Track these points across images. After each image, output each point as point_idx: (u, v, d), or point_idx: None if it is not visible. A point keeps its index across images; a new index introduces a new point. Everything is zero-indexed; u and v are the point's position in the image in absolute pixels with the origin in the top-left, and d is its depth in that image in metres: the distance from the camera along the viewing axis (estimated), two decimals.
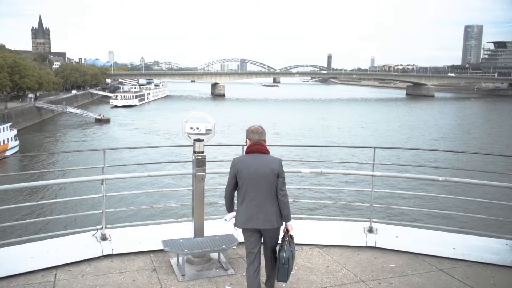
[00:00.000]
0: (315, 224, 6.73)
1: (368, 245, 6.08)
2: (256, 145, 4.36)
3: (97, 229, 5.74)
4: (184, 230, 5.71)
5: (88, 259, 5.42)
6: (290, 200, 4.61)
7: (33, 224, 18.86)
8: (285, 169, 4.38)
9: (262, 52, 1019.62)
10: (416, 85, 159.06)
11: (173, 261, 5.40)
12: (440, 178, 6.32)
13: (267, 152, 4.40)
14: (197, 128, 5.34)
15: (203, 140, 5.36)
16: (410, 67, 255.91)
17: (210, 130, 5.36)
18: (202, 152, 5.33)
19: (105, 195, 5.71)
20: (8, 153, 42.03)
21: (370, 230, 6.20)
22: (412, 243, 5.96)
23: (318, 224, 6.77)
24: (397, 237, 6.09)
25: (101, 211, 5.76)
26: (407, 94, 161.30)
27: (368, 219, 6.29)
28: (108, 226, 5.81)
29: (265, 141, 4.44)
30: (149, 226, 6.22)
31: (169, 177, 26.67)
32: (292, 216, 4.61)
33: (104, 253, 5.53)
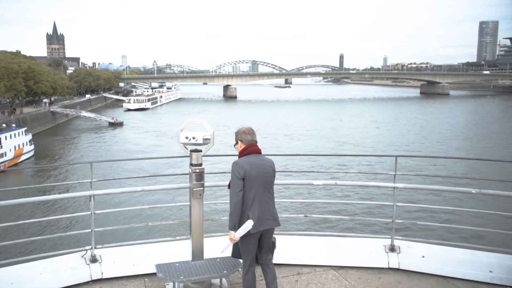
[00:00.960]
0: (329, 241, 6.02)
1: (390, 266, 5.43)
2: (254, 146, 4.28)
3: (86, 250, 5.21)
4: (182, 249, 5.21)
5: (76, 285, 4.94)
6: (300, 215, 5.11)
7: (14, 246, 17.42)
8: (295, 181, 4.35)
9: (274, 53, 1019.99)
10: (430, 83, 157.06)
11: (169, 286, 4.92)
12: (473, 191, 5.58)
13: (261, 152, 4.37)
14: (193, 138, 4.79)
15: (200, 151, 4.83)
16: (424, 65, 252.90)
17: (209, 139, 4.80)
18: (200, 165, 4.82)
19: (94, 212, 5.20)
20: (23, 157, 42.60)
21: (392, 249, 5.55)
22: (441, 264, 5.29)
23: (332, 241, 6.04)
24: (423, 257, 5.43)
25: (89, 230, 5.25)
26: (421, 92, 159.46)
27: (389, 236, 5.64)
28: (98, 246, 5.30)
29: (256, 141, 4.35)
30: (144, 245, 5.66)
31: (165, 191, 24.53)
32: (304, 232, 4.78)
33: (93, 278, 5.04)
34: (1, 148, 38.69)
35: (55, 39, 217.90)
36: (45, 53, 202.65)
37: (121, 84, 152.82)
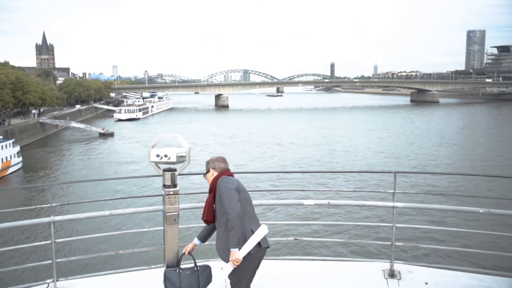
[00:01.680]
0: (322, 266, 5.55)
1: None
2: (228, 172, 4.07)
3: (47, 283, 4.67)
4: (157, 279, 4.62)
5: None
6: (290, 237, 4.77)
7: None
8: (283, 201, 4.16)
9: (265, 62, 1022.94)
10: (420, 91, 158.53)
11: None
12: (481, 210, 5.17)
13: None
14: (165, 156, 4.23)
15: (175, 170, 4.31)
16: (413, 73, 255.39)
17: (184, 156, 4.29)
18: (175, 186, 4.28)
19: (55, 241, 4.68)
20: (11, 169, 41.72)
21: (392, 274, 5.09)
22: None
23: (326, 266, 5.57)
24: (426, 283, 4.94)
25: (50, 261, 4.71)
26: (411, 100, 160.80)
27: (389, 260, 5.22)
28: (61, 279, 4.77)
29: (229, 169, 4.19)
30: (114, 275, 5.09)
31: (137, 215, 21.67)
32: (294, 257, 4.68)
33: None
34: None
35: (44, 49, 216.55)
36: (35, 64, 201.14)
37: (112, 94, 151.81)
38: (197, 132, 70.83)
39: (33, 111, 72.57)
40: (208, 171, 4.05)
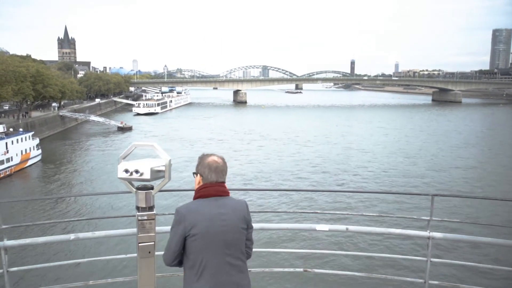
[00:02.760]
0: None
1: None
2: (216, 186, 2.98)
3: None
4: None
5: None
6: (299, 269, 3.51)
7: None
8: (290, 225, 3.36)
9: (285, 58, 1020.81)
10: (442, 90, 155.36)
11: None
12: None
13: (228, 194, 3.06)
14: (136, 172, 3.24)
15: (151, 189, 3.35)
16: (436, 72, 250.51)
17: (162, 172, 3.35)
18: (150, 209, 3.35)
19: (7, 270, 3.82)
20: (30, 162, 42.13)
21: None
22: None
23: None
24: None
25: None
26: (433, 100, 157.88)
27: None
28: None
29: (223, 182, 3.05)
30: None
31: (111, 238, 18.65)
32: None
33: None
34: (8, 152, 38.19)
35: (66, 43, 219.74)
36: (56, 57, 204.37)
37: (132, 89, 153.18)
38: (214, 127, 70.74)
39: (53, 104, 73.47)
40: (196, 174, 3.06)
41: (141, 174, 3.23)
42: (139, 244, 3.35)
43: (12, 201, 25.86)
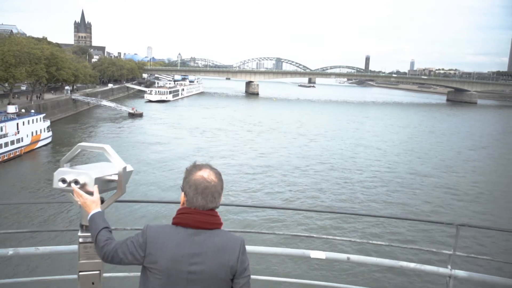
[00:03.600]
0: None
1: None
2: (199, 214, 2.18)
3: None
4: None
5: None
6: None
7: None
8: (281, 250, 2.62)
9: (299, 52, 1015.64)
10: (458, 90, 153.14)
11: None
12: None
13: (218, 226, 2.24)
14: (76, 182, 2.57)
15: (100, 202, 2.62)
16: (452, 71, 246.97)
17: (113, 182, 2.67)
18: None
19: None
20: (40, 143, 42.55)
21: None
22: None
23: None
24: None
25: None
26: (447, 99, 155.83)
27: None
28: None
29: (212, 208, 2.22)
30: None
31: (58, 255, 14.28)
32: None
33: None
34: (18, 133, 38.62)
35: (82, 27, 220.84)
36: (72, 41, 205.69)
37: (145, 75, 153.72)
38: (224, 117, 70.74)
39: (66, 87, 74.02)
40: (182, 190, 2.29)
41: (82, 186, 2.56)
42: (80, 273, 2.69)
43: None
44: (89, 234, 2.47)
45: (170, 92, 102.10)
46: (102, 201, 2.62)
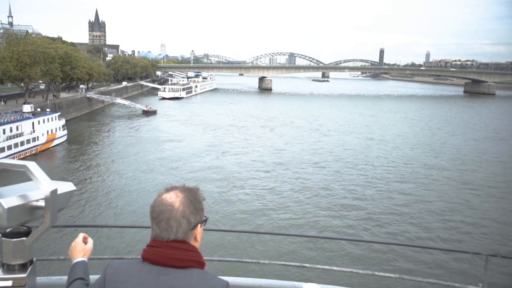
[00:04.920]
0: None
1: None
2: (161, 248, 1.72)
3: None
4: None
5: None
6: None
7: None
8: (269, 282, 2.14)
9: (312, 46, 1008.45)
10: (475, 82, 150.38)
11: None
12: None
13: (193, 265, 1.74)
14: None
15: (26, 235, 2.06)
16: (469, 62, 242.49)
17: (39, 209, 2.02)
18: (22, 268, 2.08)
19: None
20: (55, 142, 43.08)
21: None
22: None
23: None
24: None
25: None
26: (465, 91, 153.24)
27: None
28: None
29: (176, 240, 1.72)
30: None
31: None
32: None
33: None
34: (34, 132, 39.15)
35: (96, 26, 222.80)
36: (87, 40, 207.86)
37: (158, 73, 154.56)
38: (237, 113, 70.70)
39: (81, 86, 74.82)
40: None
41: None
42: None
43: None
44: (11, 276, 2.00)
45: (183, 89, 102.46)
46: (28, 233, 2.06)
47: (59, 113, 46.97)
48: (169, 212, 1.70)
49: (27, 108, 42.92)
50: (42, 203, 2.00)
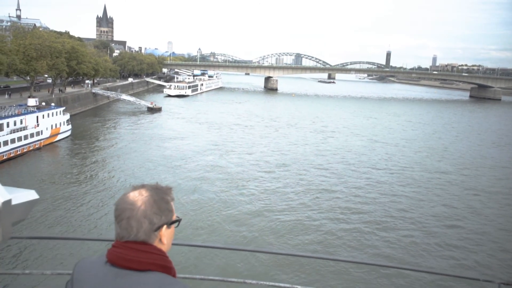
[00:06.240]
0: None
1: None
2: (123, 248, 1.60)
3: None
4: None
5: None
6: None
7: None
8: None
9: (319, 47, 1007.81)
10: (481, 87, 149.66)
11: None
12: None
13: (152, 268, 1.59)
14: None
15: None
16: (475, 67, 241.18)
17: None
18: None
19: None
20: (59, 137, 43.11)
21: None
22: None
23: None
24: None
25: None
26: (470, 96, 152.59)
27: None
28: None
29: (135, 241, 1.60)
30: None
31: None
32: None
33: None
34: (38, 126, 39.18)
35: (104, 22, 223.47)
36: (95, 35, 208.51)
37: (165, 70, 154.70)
38: (241, 113, 70.61)
39: (87, 81, 74.91)
40: None
41: None
42: None
43: None
44: None
45: (189, 87, 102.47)
46: None
47: (64, 108, 47.00)
48: (130, 211, 1.59)
49: (32, 101, 42.97)
50: None
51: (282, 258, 17.21)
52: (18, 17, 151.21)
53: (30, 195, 2.00)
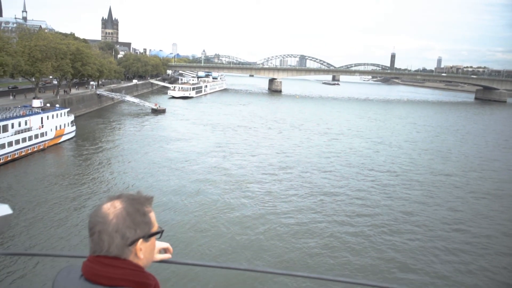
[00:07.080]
0: None
1: None
2: (94, 263, 1.51)
3: None
4: None
5: None
6: None
7: None
8: None
9: (323, 49, 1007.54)
10: (486, 89, 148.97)
11: None
12: None
13: (124, 284, 1.47)
14: None
15: None
16: (481, 69, 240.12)
17: None
18: None
19: None
20: (64, 138, 43.23)
21: None
22: None
23: None
24: None
25: None
26: (475, 98, 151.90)
27: None
28: None
29: (120, 254, 1.50)
30: None
31: None
32: None
33: None
34: (42, 127, 39.29)
35: (109, 23, 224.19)
36: (100, 37, 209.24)
37: (169, 72, 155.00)
38: (245, 114, 70.60)
39: (92, 82, 75.14)
40: None
41: None
42: None
43: None
44: None
45: (193, 89, 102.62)
46: None
47: (69, 109, 47.15)
48: (101, 225, 1.50)
49: (36, 103, 43.12)
50: None
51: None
52: (24, 18, 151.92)
53: (3, 210, 1.85)
